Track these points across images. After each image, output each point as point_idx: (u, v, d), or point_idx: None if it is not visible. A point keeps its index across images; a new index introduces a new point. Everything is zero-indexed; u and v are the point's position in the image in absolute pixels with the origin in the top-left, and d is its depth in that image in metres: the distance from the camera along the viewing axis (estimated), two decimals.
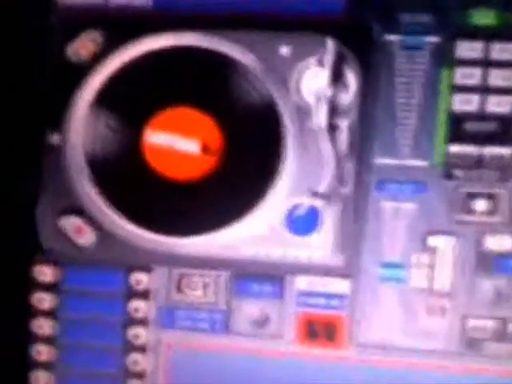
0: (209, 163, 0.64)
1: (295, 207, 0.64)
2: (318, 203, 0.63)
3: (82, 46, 0.66)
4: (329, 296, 0.65)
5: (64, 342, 0.69)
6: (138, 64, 0.64)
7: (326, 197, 0.63)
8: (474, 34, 0.61)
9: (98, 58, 0.65)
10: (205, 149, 0.63)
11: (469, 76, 0.62)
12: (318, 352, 0.65)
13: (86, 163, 0.66)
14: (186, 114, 0.64)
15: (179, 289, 0.67)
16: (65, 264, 0.68)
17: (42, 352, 0.69)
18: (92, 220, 0.66)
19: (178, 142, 0.64)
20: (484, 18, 0.61)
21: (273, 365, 0.66)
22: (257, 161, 0.64)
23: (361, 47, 0.63)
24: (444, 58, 0.62)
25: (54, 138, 0.67)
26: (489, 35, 0.61)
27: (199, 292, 0.67)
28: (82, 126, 0.66)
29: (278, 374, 0.66)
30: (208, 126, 0.63)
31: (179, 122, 0.64)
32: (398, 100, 0.63)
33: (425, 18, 0.62)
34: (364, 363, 0.65)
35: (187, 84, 0.64)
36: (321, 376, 0.65)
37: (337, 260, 0.64)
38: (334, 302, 0.65)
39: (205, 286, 0.66)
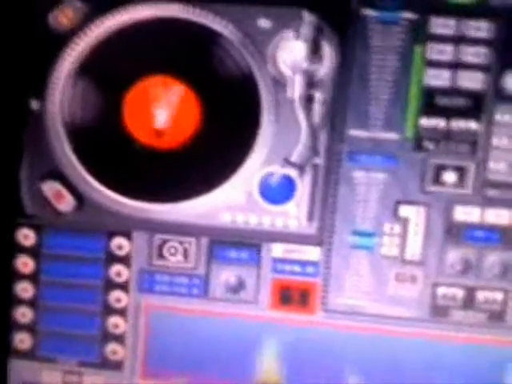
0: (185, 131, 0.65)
1: (269, 176, 0.65)
2: (292, 172, 0.64)
3: (64, 14, 0.66)
4: (302, 263, 0.66)
5: (45, 305, 0.70)
6: (118, 34, 0.65)
7: (300, 166, 0.64)
8: (447, 11, 0.62)
9: (80, 26, 0.66)
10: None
11: (441, 52, 0.63)
12: (292, 317, 0.67)
13: (64, 130, 0.67)
14: (164, 83, 0.64)
15: (159, 254, 0.68)
16: (46, 229, 0.69)
17: (24, 314, 0.70)
18: (72, 186, 0.67)
19: (157, 112, 0.65)
20: None
21: (248, 329, 0.68)
22: (233, 130, 0.65)
23: (337, 21, 0.63)
24: (418, 34, 0.63)
25: (35, 105, 0.67)
26: (462, 13, 0.62)
27: (178, 258, 0.68)
28: (63, 94, 0.66)
29: (252, 337, 0.68)
30: (190, 96, 0.64)
31: (158, 91, 0.64)
32: (371, 73, 0.64)
33: None
34: (335, 328, 0.67)
35: (167, 54, 0.65)
36: (294, 340, 0.67)
37: (310, 228, 0.66)
38: (307, 269, 0.66)
39: (184, 252, 0.68)
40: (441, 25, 0.63)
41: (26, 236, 0.69)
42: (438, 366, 0.65)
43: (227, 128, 0.65)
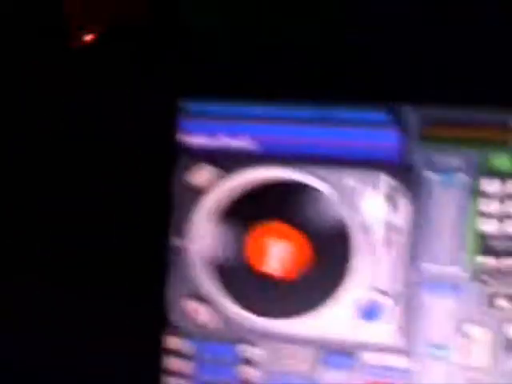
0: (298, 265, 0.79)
1: (364, 300, 0.77)
2: (381, 298, 0.76)
3: (199, 174, 0.80)
4: (391, 369, 0.77)
5: None
6: (240, 188, 0.79)
7: (387, 293, 0.76)
8: (493, 173, 0.72)
9: (211, 183, 0.80)
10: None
11: (490, 205, 0.73)
12: None
13: (202, 262, 0.80)
14: (279, 228, 0.78)
15: (278, 360, 0.80)
16: (191, 337, 0.82)
17: None
18: (209, 305, 0.80)
19: (273, 254, 0.79)
20: (500, 161, 0.72)
21: None
22: (333, 264, 0.77)
23: (409, 183, 0.74)
24: (471, 191, 0.73)
25: (179, 242, 0.82)
26: (505, 174, 0.72)
27: (292, 363, 0.80)
28: (201, 234, 0.81)
29: None
30: (299, 238, 0.78)
31: (275, 235, 0.78)
32: (436, 221, 0.74)
33: (456, 161, 0.73)
34: None
35: (281, 205, 0.78)
36: None
37: (398, 342, 0.77)
38: (396, 374, 0.77)
39: (297, 358, 0.80)
40: (489, 184, 0.72)
41: (175, 343, 0.82)
42: None
43: (329, 263, 0.77)
